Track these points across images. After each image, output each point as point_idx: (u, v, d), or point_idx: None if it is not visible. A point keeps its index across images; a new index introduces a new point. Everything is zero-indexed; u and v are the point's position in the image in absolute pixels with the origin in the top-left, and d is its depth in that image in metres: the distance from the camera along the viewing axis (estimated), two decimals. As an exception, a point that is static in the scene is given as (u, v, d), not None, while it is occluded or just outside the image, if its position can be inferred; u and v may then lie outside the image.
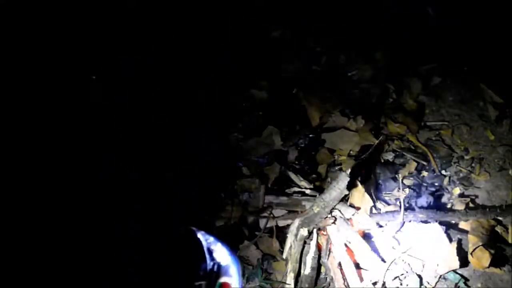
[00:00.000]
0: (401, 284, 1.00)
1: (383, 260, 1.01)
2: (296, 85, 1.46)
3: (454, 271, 1.01)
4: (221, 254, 0.81)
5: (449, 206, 1.16)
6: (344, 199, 1.07)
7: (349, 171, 1.03)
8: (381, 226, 1.09)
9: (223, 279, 0.78)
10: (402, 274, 1.00)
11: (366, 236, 1.06)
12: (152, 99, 1.21)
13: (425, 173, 1.24)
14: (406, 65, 1.50)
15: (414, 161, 1.25)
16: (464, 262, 1.02)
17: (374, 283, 0.98)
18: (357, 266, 1.00)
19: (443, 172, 1.24)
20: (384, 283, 0.98)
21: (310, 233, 1.03)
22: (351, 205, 1.10)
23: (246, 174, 1.22)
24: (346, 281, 0.99)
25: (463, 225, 1.09)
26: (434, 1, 1.60)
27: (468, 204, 1.15)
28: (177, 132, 1.32)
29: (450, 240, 1.04)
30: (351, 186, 1.06)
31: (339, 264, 1.00)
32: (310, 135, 1.33)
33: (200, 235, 0.82)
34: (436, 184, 1.21)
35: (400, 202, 1.12)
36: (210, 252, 0.81)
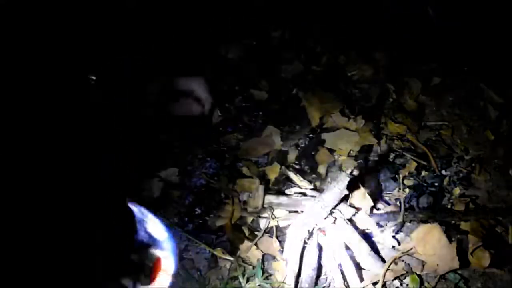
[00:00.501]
0: (401, 284, 1.00)
1: (383, 260, 1.01)
2: (296, 85, 1.46)
3: (454, 271, 1.01)
4: (157, 228, 0.78)
5: (449, 206, 1.16)
6: (344, 199, 1.07)
7: (349, 171, 1.03)
8: (381, 226, 1.09)
9: (156, 253, 0.74)
10: (402, 274, 1.00)
11: (366, 236, 1.06)
12: (152, 99, 1.21)
13: (425, 173, 1.24)
14: (406, 65, 1.50)
15: (414, 161, 1.25)
16: (464, 262, 1.02)
17: (374, 283, 0.99)
18: (357, 266, 1.00)
19: (443, 172, 1.24)
20: (384, 283, 0.98)
21: (310, 233, 1.02)
22: (351, 205, 1.10)
23: (246, 174, 1.22)
24: (346, 281, 0.99)
25: (463, 225, 1.10)
26: (434, 1, 1.60)
27: (468, 204, 1.15)
28: (177, 132, 1.32)
29: (450, 240, 1.04)
30: (351, 186, 1.06)
31: (339, 264, 1.00)
32: (310, 135, 1.33)
33: (135, 208, 0.78)
34: (436, 184, 1.21)
35: (400, 202, 1.12)
36: (144, 225, 0.77)
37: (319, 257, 1.01)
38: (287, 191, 1.17)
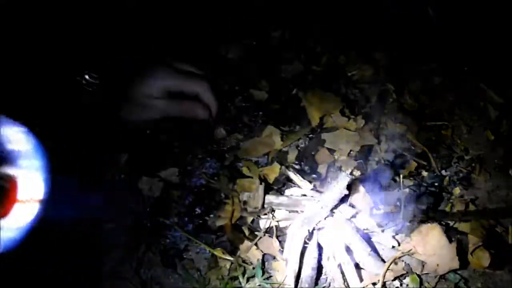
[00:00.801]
0: (401, 284, 1.00)
1: (383, 260, 1.01)
2: (296, 85, 1.46)
3: (454, 271, 1.01)
4: (14, 136, 0.55)
5: (449, 206, 1.16)
6: (344, 199, 1.07)
7: (349, 171, 1.03)
8: (381, 226, 1.09)
9: (9, 171, 0.53)
10: (402, 274, 1.00)
11: (366, 236, 1.06)
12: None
13: (425, 173, 1.24)
14: (406, 65, 1.50)
15: (414, 161, 1.25)
16: (464, 262, 1.02)
17: (374, 283, 0.98)
18: (357, 266, 1.00)
19: (443, 172, 1.24)
20: (384, 283, 0.98)
21: (310, 233, 1.02)
22: (351, 205, 1.10)
23: (246, 174, 1.22)
24: (346, 281, 0.99)
25: (463, 225, 1.09)
26: (434, 1, 1.60)
27: (468, 204, 1.15)
28: (177, 132, 1.32)
29: (450, 240, 1.04)
30: (351, 186, 1.06)
31: (339, 264, 1.00)
32: (310, 135, 1.33)
33: None
34: (436, 184, 1.21)
35: (400, 202, 1.12)
36: None
37: (319, 257, 1.01)
38: (287, 191, 1.17)
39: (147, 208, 1.17)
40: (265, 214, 1.12)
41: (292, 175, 1.21)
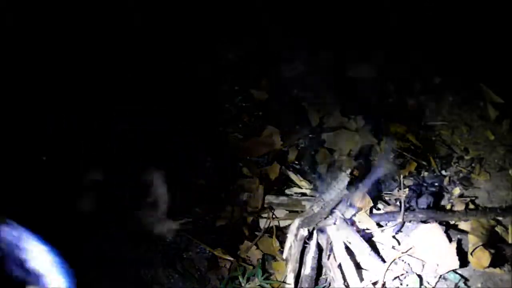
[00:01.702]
0: (401, 284, 1.00)
1: (383, 260, 1.01)
2: (296, 85, 1.46)
3: (454, 271, 1.01)
4: (40, 259, 0.57)
5: (449, 206, 1.16)
6: (344, 199, 1.07)
7: (349, 171, 1.03)
8: (381, 226, 1.09)
9: None
10: (402, 274, 1.00)
11: (366, 236, 1.06)
12: (152, 102, 1.21)
13: (425, 173, 1.24)
14: (406, 65, 1.50)
15: (414, 161, 1.25)
16: (464, 262, 1.02)
17: (374, 283, 0.98)
18: (357, 266, 1.00)
19: (443, 172, 1.24)
20: (384, 283, 0.98)
21: (310, 233, 1.03)
22: (351, 205, 1.09)
23: (246, 174, 1.22)
24: (346, 281, 0.99)
25: (463, 225, 1.09)
26: (433, 1, 1.60)
27: (468, 204, 1.15)
28: (178, 133, 1.32)
29: (450, 240, 1.04)
30: (351, 186, 1.06)
31: (339, 264, 1.00)
32: (310, 135, 1.33)
33: (8, 229, 0.58)
34: (436, 184, 1.21)
35: (400, 202, 1.12)
36: (19, 255, 0.56)
37: (319, 257, 1.01)
38: (287, 191, 1.17)
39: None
40: (265, 214, 1.12)
41: (292, 175, 1.21)
